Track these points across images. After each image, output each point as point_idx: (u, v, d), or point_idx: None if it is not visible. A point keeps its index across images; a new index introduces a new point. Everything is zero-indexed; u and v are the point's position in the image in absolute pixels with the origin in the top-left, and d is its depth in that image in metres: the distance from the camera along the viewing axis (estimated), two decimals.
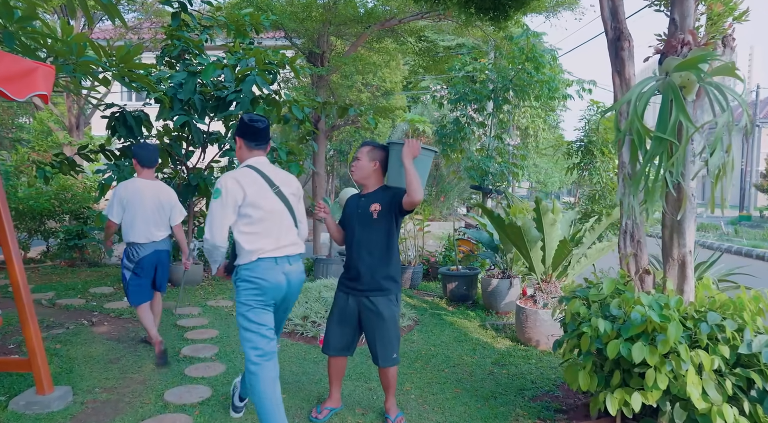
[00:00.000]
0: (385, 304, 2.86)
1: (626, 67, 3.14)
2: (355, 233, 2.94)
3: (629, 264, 3.08)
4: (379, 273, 2.87)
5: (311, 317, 4.76)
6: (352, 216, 2.99)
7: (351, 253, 2.96)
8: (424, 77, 19.57)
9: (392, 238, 2.91)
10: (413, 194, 2.71)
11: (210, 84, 5.97)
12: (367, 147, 2.99)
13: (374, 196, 2.93)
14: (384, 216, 2.86)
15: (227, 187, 2.57)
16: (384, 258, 2.89)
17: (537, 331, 4.36)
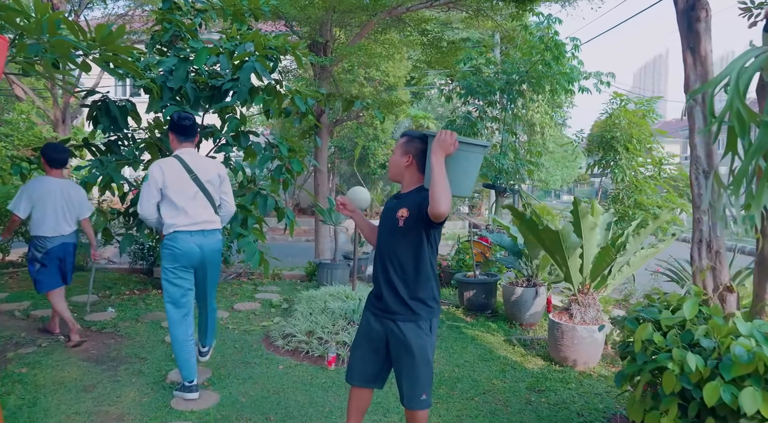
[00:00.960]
0: (414, 334, 2.31)
1: (702, 41, 2.60)
2: (380, 240, 2.42)
3: (705, 279, 2.55)
4: (406, 293, 2.33)
5: (317, 333, 4.23)
6: (383, 219, 2.46)
7: (375, 265, 2.45)
8: (429, 72, 19.09)
9: (422, 252, 2.34)
10: (434, 203, 2.13)
11: (204, 72, 5.43)
12: (403, 138, 2.44)
13: (406, 198, 2.38)
14: (412, 225, 2.30)
15: (152, 172, 3.22)
16: (412, 275, 2.34)
17: (574, 350, 3.83)
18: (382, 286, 2.37)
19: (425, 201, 2.24)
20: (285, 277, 7.20)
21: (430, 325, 2.37)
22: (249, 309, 5.43)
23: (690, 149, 2.62)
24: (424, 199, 2.27)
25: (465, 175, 2.30)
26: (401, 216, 2.35)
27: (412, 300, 2.33)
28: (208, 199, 3.32)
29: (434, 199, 2.13)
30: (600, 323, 3.89)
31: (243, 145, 6.00)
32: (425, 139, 2.40)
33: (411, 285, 2.34)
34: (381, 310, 2.38)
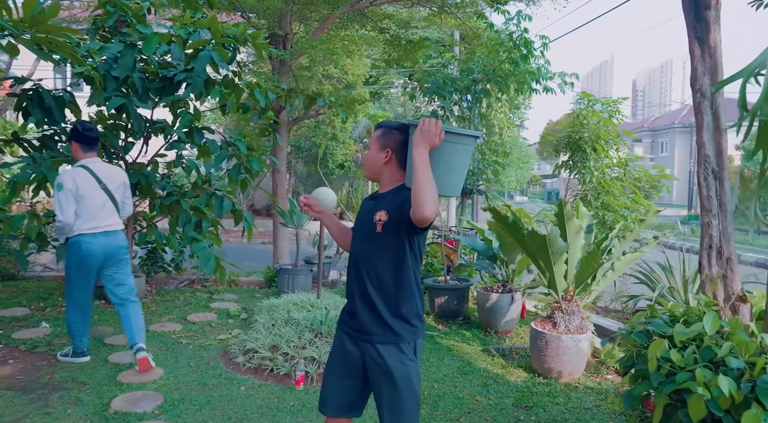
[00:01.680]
0: (396, 359, 1.96)
1: (711, 31, 2.42)
2: (355, 247, 2.09)
3: (716, 288, 2.36)
4: (385, 310, 1.99)
5: (282, 347, 3.84)
6: (358, 223, 2.14)
7: (349, 276, 2.10)
8: (390, 71, 18.84)
9: (404, 261, 2.01)
10: (417, 205, 1.79)
11: (154, 61, 4.93)
12: (379, 130, 2.11)
13: (385, 199, 2.05)
14: (392, 230, 1.97)
15: (66, 182, 3.48)
16: (392, 289, 2.00)
17: (559, 361, 3.62)
18: (357, 302, 2.03)
19: (407, 202, 1.90)
20: (242, 284, 6.73)
21: (414, 348, 2.03)
22: (204, 320, 4.97)
23: (698, 148, 2.43)
24: (405, 199, 1.93)
25: (453, 171, 1.97)
26: (379, 220, 2.02)
27: (393, 318, 1.99)
28: (114, 205, 3.70)
29: (417, 201, 1.80)
30: (585, 332, 3.70)
31: (197, 142, 5.52)
32: (406, 129, 2.08)
33: (391, 300, 2.00)
34: (356, 330, 2.04)
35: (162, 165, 6.25)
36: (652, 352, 2.12)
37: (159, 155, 5.76)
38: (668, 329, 2.29)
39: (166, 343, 4.27)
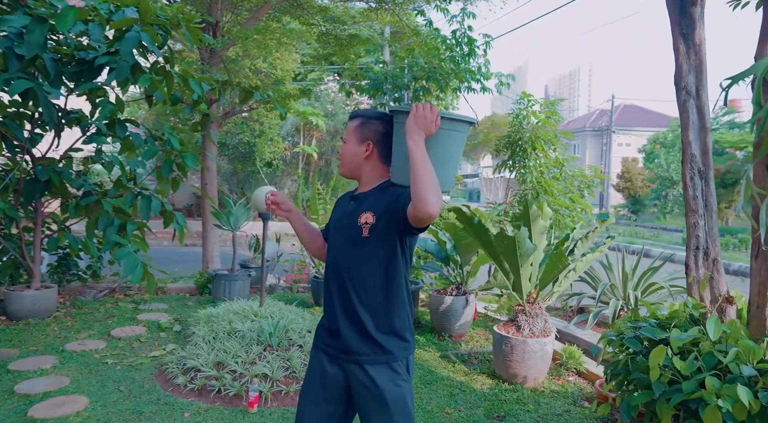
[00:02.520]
0: (389, 380, 1.72)
1: (696, 28, 2.37)
2: (334, 255, 1.81)
3: (704, 290, 2.31)
4: (374, 326, 1.74)
5: (228, 364, 3.45)
6: (335, 227, 1.87)
7: (328, 288, 1.81)
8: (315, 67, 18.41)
9: (395, 269, 1.76)
10: (421, 202, 1.53)
11: (70, 41, 4.32)
12: (356, 120, 1.85)
13: (369, 199, 1.80)
14: (380, 234, 1.73)
15: None
16: (382, 301, 1.76)
17: (525, 366, 3.52)
18: (339, 318, 1.76)
19: (399, 200, 1.68)
20: (170, 291, 6.15)
21: (407, 366, 1.79)
22: (132, 335, 4.42)
23: (683, 147, 2.38)
24: (396, 198, 1.71)
25: (448, 163, 1.75)
26: (365, 223, 1.76)
27: (384, 335, 1.75)
28: None
29: (420, 196, 1.53)
30: (549, 334, 3.63)
31: (119, 135, 4.93)
32: (387, 118, 1.83)
33: (381, 314, 1.75)
34: (339, 350, 1.77)
35: (77, 160, 5.57)
36: (653, 359, 2.01)
37: (74, 149, 5.11)
38: (661, 334, 2.21)
39: (89, 364, 3.72)
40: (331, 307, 1.80)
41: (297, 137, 15.77)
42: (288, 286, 6.41)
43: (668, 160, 23.93)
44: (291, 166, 15.84)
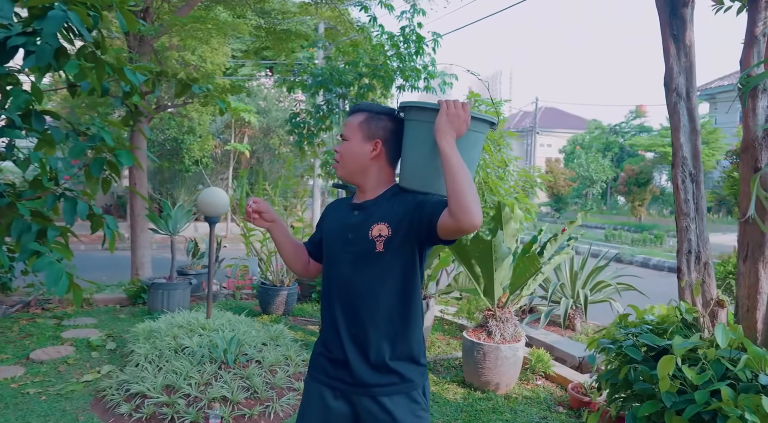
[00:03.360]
0: (407, 411, 1.51)
1: (687, 30, 2.34)
2: (339, 275, 1.57)
3: (698, 294, 2.29)
4: (389, 352, 1.54)
5: (180, 387, 3.08)
6: (335, 241, 1.62)
7: (331, 312, 1.58)
8: (244, 63, 17.71)
9: (413, 285, 1.56)
10: (464, 211, 1.36)
11: None
12: (361, 115, 1.61)
13: (380, 207, 1.58)
14: (397, 247, 1.52)
15: None
16: (399, 323, 1.55)
17: (498, 373, 3.43)
18: (347, 347, 1.54)
19: (423, 209, 1.51)
20: (97, 303, 5.55)
21: (425, 392, 1.60)
22: (57, 357, 3.89)
23: (673, 150, 2.34)
24: (414, 206, 1.53)
25: (471, 167, 1.56)
26: (378, 236, 1.54)
27: (400, 361, 1.55)
28: None
29: (464, 207, 1.36)
30: (519, 339, 3.55)
31: (37, 128, 4.34)
32: (395, 114, 1.63)
33: (399, 339, 1.55)
34: (346, 382, 1.54)
35: None
36: (662, 369, 1.94)
37: None
38: (661, 341, 2.16)
39: (3, 397, 3.19)
40: (335, 335, 1.56)
41: (228, 134, 15.07)
42: (231, 293, 6.00)
43: (588, 161, 25.27)
44: (222, 165, 15.11)
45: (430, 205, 1.50)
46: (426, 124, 1.55)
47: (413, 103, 1.58)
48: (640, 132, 28.01)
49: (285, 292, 5.27)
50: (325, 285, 1.64)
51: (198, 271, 5.96)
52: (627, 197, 21.74)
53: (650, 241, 14.97)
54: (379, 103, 8.53)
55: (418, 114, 1.58)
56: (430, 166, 1.58)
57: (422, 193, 1.58)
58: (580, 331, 5.48)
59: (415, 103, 1.58)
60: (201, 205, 4.10)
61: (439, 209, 1.45)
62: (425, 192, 1.58)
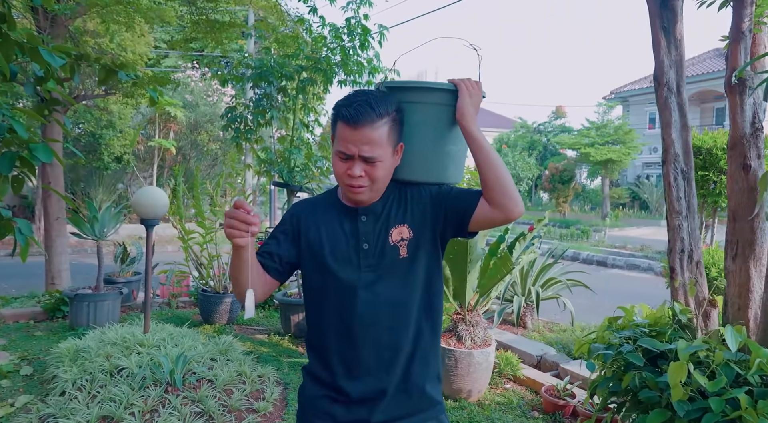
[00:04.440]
0: None
1: (678, 22, 2.27)
2: (349, 295, 1.29)
3: (694, 294, 2.23)
4: (422, 377, 1.34)
5: (122, 419, 2.66)
6: (341, 255, 1.31)
7: (337, 344, 1.31)
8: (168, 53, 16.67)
9: (438, 289, 1.39)
10: (511, 199, 1.25)
11: None
12: (384, 121, 1.26)
13: (387, 208, 1.35)
14: (422, 249, 1.34)
15: None
16: (430, 339, 1.36)
17: (470, 379, 3.27)
18: (371, 379, 1.29)
19: (442, 203, 1.34)
20: (5, 318, 4.87)
21: (444, 413, 1.42)
22: None
23: (664, 146, 2.27)
24: (431, 198, 1.36)
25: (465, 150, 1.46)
26: (400, 240, 1.33)
27: (433, 382, 1.38)
28: None
29: (511, 195, 1.26)
30: (490, 344, 3.42)
31: None
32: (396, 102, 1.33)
33: (431, 355, 1.37)
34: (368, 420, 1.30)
35: None
36: (674, 376, 1.83)
37: None
38: (663, 346, 2.07)
39: None
40: (346, 370, 1.30)
41: (151, 129, 14.08)
42: (166, 301, 5.48)
43: (515, 159, 26.14)
44: (145, 162, 14.11)
45: (457, 198, 1.34)
46: (436, 106, 1.38)
47: (415, 83, 1.40)
48: (561, 131, 29.38)
49: (229, 299, 4.86)
50: (317, 314, 1.35)
51: (128, 279, 5.39)
52: (551, 194, 22.66)
53: (577, 236, 15.63)
54: (320, 96, 8.19)
55: (426, 95, 1.39)
56: (437, 154, 1.40)
57: (428, 185, 1.39)
58: (532, 329, 5.50)
59: (418, 83, 1.40)
60: (136, 207, 3.64)
61: (471, 201, 1.30)
62: (431, 182, 1.40)
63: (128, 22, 6.97)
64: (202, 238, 4.96)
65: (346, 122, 1.24)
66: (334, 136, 1.30)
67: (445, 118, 1.39)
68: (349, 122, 1.23)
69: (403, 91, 1.37)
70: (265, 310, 5.44)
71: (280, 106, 7.09)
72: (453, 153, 1.43)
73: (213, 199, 5.31)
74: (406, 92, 1.37)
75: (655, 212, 21.47)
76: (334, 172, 1.30)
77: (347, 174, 1.27)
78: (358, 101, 1.24)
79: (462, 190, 1.37)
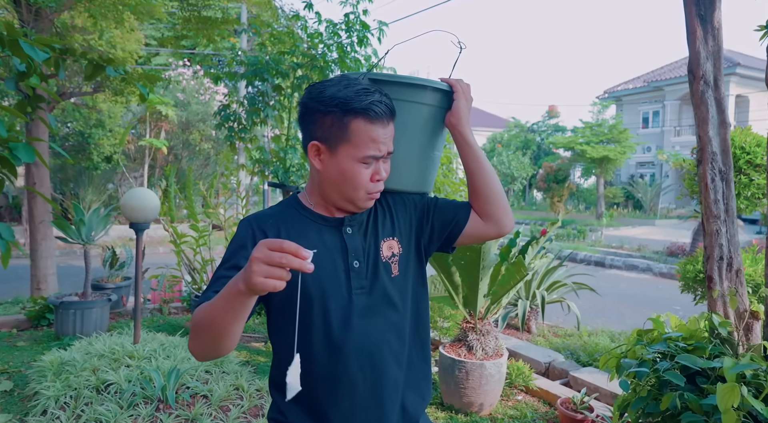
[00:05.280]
0: None
1: (716, 9, 2.09)
2: (340, 324, 1.08)
3: (735, 305, 2.05)
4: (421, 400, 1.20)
5: None
6: (329, 278, 1.09)
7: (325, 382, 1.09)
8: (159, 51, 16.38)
9: (425, 310, 1.24)
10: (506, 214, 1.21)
11: None
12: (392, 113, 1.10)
13: (375, 218, 1.18)
14: (409, 264, 1.18)
15: None
16: (420, 361, 1.21)
17: (482, 392, 3.08)
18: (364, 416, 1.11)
19: (430, 215, 1.21)
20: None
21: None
22: None
23: (700, 144, 2.09)
24: (415, 207, 1.22)
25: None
26: (391, 256, 1.16)
27: (424, 415, 1.25)
28: None
29: (504, 208, 1.20)
30: (502, 354, 3.24)
31: None
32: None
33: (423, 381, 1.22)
34: None
35: None
36: (725, 400, 1.65)
37: None
38: (705, 363, 1.89)
39: None
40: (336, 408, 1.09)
41: (142, 129, 13.79)
42: (157, 307, 5.25)
43: (509, 158, 26.03)
44: (135, 162, 13.81)
45: (444, 210, 1.21)
46: (427, 107, 1.21)
47: (406, 78, 1.19)
48: (555, 131, 29.33)
49: None
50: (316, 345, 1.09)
51: (117, 284, 5.15)
52: (546, 194, 22.57)
53: (573, 236, 15.52)
54: None
55: (418, 94, 1.21)
56: (423, 160, 1.25)
57: (408, 194, 1.25)
58: (537, 333, 5.33)
59: (410, 78, 1.22)
60: (125, 209, 3.43)
61: (461, 214, 1.20)
62: (413, 191, 1.25)
63: (117, 16, 6.71)
64: (195, 241, 4.74)
65: (375, 121, 1.05)
66: (341, 140, 1.06)
67: (433, 121, 1.23)
68: (381, 120, 1.06)
69: (391, 86, 1.17)
70: (261, 316, 5.22)
71: (275, 104, 6.88)
72: (436, 160, 1.29)
73: (206, 201, 5.09)
74: (394, 88, 1.17)
75: (649, 211, 21.45)
76: (348, 183, 1.08)
77: (374, 180, 1.09)
78: (380, 95, 1.07)
79: (448, 201, 1.24)
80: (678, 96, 23.71)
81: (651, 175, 25.29)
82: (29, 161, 3.72)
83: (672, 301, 7.31)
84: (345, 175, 1.07)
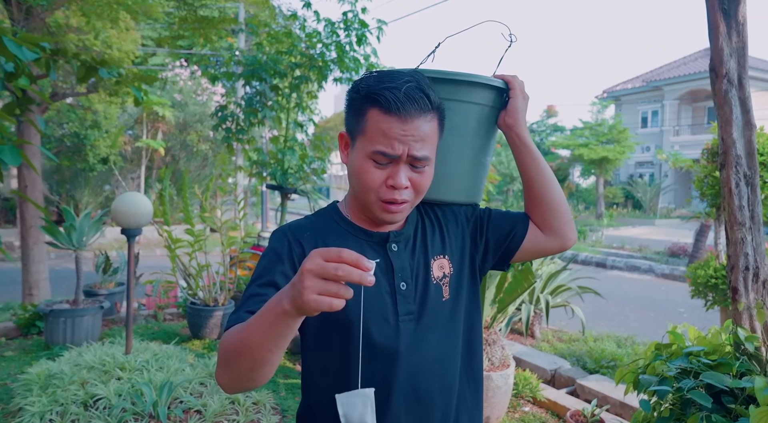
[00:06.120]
0: None
1: (741, 3, 1.96)
2: (395, 361, 0.95)
3: (764, 319, 1.92)
4: None
5: None
6: (373, 303, 0.95)
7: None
8: (155, 51, 16.25)
9: (479, 337, 1.11)
10: (571, 225, 1.09)
11: None
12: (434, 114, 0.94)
13: (422, 234, 1.05)
14: (462, 289, 1.05)
15: None
16: (471, 393, 1.07)
17: (489, 405, 2.96)
18: None
19: (484, 229, 1.09)
20: None
21: None
22: None
23: (724, 147, 1.97)
24: (472, 225, 1.10)
25: None
26: (442, 276, 1.03)
27: None
28: None
29: (568, 220, 1.08)
30: (509, 364, 3.11)
31: None
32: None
33: (477, 412, 1.09)
34: None
35: None
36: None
37: None
38: (734, 383, 1.76)
39: None
40: None
41: (138, 130, 13.64)
42: (152, 313, 5.11)
43: (508, 158, 25.91)
44: (132, 164, 13.66)
45: (500, 223, 1.09)
46: (481, 107, 1.08)
47: (460, 74, 1.04)
48: (554, 131, 29.24)
49: (220, 312, 4.50)
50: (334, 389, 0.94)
51: (110, 290, 5.02)
52: None
53: None
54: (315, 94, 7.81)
55: (472, 92, 1.07)
56: (475, 167, 1.12)
57: (458, 205, 1.12)
58: (541, 338, 5.21)
59: (464, 75, 1.06)
60: (116, 215, 3.29)
61: (519, 227, 1.08)
62: (463, 202, 1.13)
63: (111, 15, 6.58)
64: (191, 245, 4.61)
65: (390, 111, 0.89)
66: (357, 131, 0.94)
67: (487, 123, 1.10)
68: (398, 111, 0.89)
69: (442, 83, 1.03)
70: None
71: (273, 105, 6.75)
72: (487, 166, 1.17)
73: (203, 205, 4.95)
74: (445, 85, 1.03)
75: (649, 211, 21.35)
76: (358, 183, 0.95)
77: (388, 185, 0.93)
78: (405, 83, 0.90)
79: (503, 212, 1.11)
80: (677, 96, 23.63)
81: (650, 174, 25.20)
82: (15, 164, 3.58)
83: (676, 303, 7.20)
84: (356, 172, 0.94)
